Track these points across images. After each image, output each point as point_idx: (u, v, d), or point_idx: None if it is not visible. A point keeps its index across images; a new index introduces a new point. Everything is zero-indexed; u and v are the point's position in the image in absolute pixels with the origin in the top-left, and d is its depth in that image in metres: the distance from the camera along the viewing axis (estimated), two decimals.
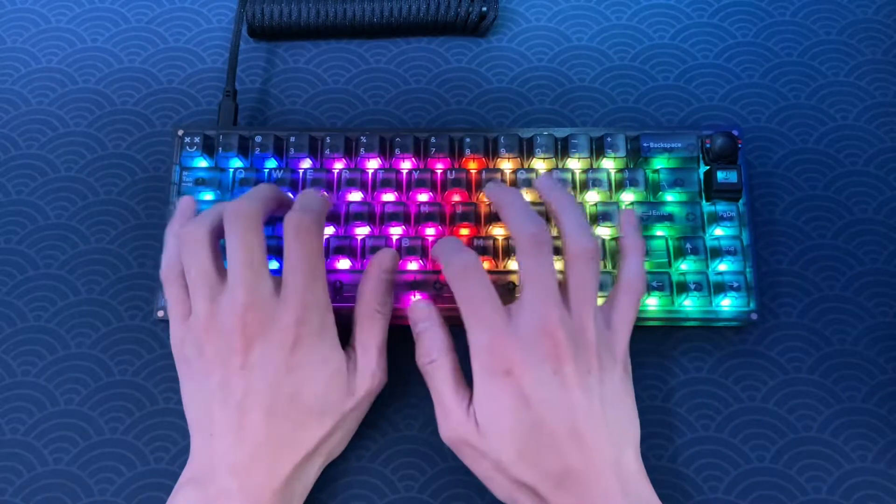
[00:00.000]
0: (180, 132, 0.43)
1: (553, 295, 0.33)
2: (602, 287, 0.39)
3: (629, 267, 0.37)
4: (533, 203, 0.41)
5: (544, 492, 0.33)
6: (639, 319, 0.40)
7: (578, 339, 0.33)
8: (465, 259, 0.34)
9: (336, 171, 0.42)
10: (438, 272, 0.40)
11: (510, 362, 0.33)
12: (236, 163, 0.43)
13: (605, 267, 0.40)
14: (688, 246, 0.40)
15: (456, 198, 0.42)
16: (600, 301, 0.38)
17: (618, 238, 0.38)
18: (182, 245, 0.35)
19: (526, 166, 0.43)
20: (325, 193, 0.40)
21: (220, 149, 0.42)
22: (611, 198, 0.42)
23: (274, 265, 0.40)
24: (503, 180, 0.42)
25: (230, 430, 0.34)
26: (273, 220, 0.40)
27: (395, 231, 0.41)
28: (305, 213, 0.35)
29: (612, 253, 0.40)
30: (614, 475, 0.33)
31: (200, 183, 0.42)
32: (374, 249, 0.40)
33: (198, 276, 0.35)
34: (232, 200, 0.35)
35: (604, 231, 0.41)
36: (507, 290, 0.40)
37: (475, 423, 0.34)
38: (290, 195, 0.40)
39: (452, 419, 0.34)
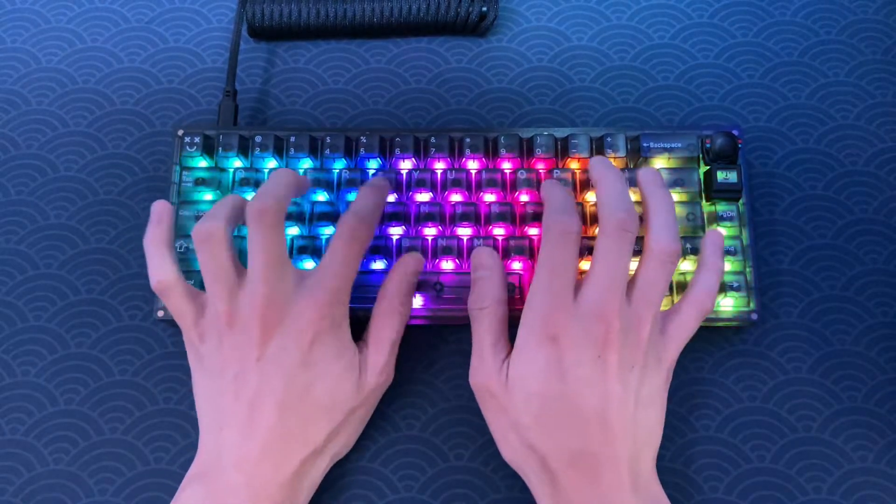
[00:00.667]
0: (180, 132, 0.43)
1: (621, 283, 0.34)
2: None
3: (702, 283, 0.37)
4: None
5: (555, 465, 0.33)
6: None
7: (631, 334, 0.34)
8: (570, 223, 0.34)
9: (336, 172, 0.42)
10: (439, 273, 0.41)
11: (559, 331, 0.33)
12: (236, 163, 0.43)
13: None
14: (688, 246, 0.40)
15: (456, 198, 0.42)
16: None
17: (699, 255, 0.38)
18: (200, 243, 0.34)
19: (526, 166, 0.43)
20: (385, 189, 0.40)
21: (220, 149, 0.42)
22: None
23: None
24: (503, 181, 0.42)
25: (241, 422, 0.34)
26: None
27: (396, 231, 0.41)
28: (362, 221, 0.36)
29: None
30: (629, 470, 0.33)
31: (200, 183, 0.42)
32: (375, 249, 0.40)
33: (218, 276, 0.34)
34: (256, 196, 0.35)
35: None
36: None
37: (505, 377, 0.34)
38: (306, 177, 0.40)
39: (486, 367, 0.35)
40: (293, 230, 0.41)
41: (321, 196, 0.42)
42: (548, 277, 0.34)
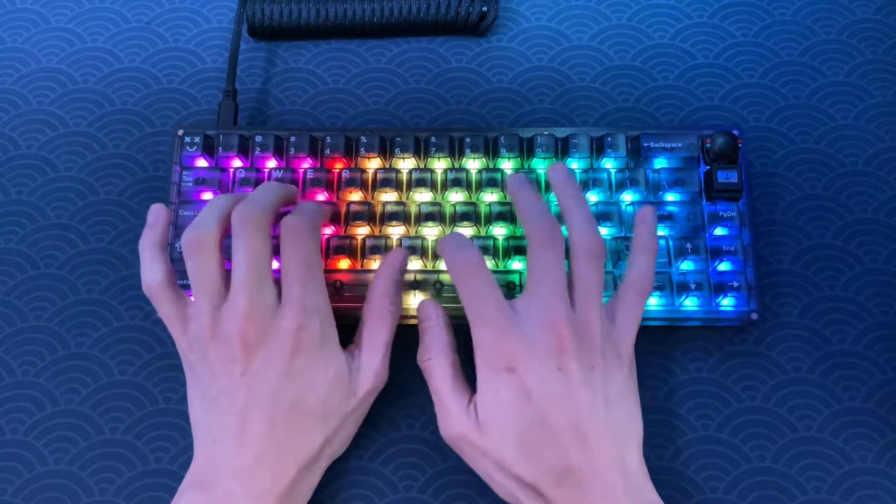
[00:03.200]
0: (180, 132, 0.43)
1: (560, 291, 0.34)
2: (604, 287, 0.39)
3: (637, 265, 0.37)
4: None
5: (545, 489, 0.32)
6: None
7: (583, 336, 0.33)
8: (468, 256, 0.35)
9: (336, 171, 0.42)
10: (439, 272, 0.40)
11: (513, 358, 0.33)
12: (236, 163, 0.43)
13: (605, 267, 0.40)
14: (688, 246, 0.40)
15: (456, 197, 0.42)
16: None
17: (633, 234, 0.38)
18: (189, 251, 0.34)
19: (527, 166, 0.43)
20: (323, 202, 0.40)
21: (220, 149, 0.42)
22: (611, 198, 0.42)
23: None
24: (503, 181, 0.42)
25: (232, 436, 0.34)
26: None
27: (395, 231, 0.41)
28: (301, 217, 0.35)
29: (612, 253, 0.40)
30: (617, 473, 0.33)
31: (200, 183, 0.42)
32: (374, 249, 0.40)
33: (204, 286, 0.34)
34: (242, 203, 0.35)
35: (602, 231, 0.41)
36: (507, 290, 0.40)
37: (476, 420, 0.34)
38: (294, 187, 0.40)
39: (452, 417, 0.35)
40: None
41: (321, 196, 0.42)
42: (478, 309, 0.34)
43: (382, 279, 0.37)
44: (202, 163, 0.43)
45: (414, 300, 0.40)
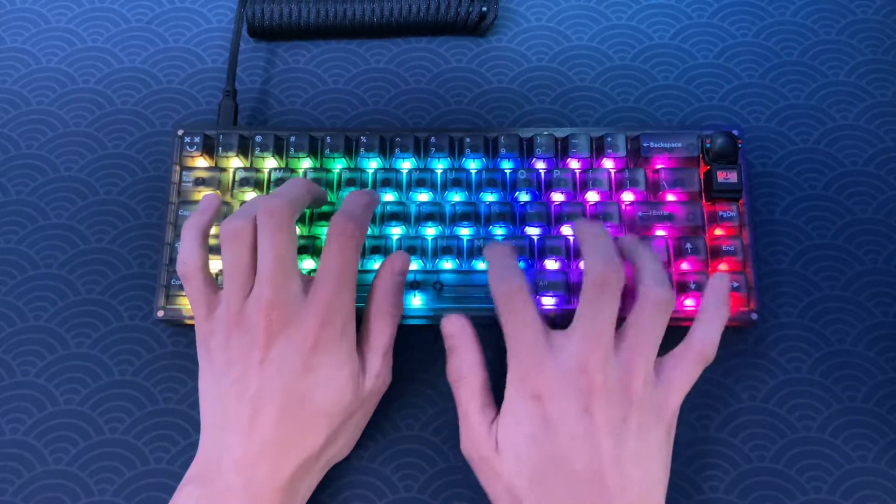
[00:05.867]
0: (180, 132, 0.43)
1: (603, 336, 0.33)
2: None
3: (704, 332, 0.35)
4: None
5: None
6: None
7: (620, 385, 0.33)
8: (514, 284, 0.34)
9: (336, 171, 0.42)
10: (439, 272, 0.41)
11: (541, 388, 0.33)
12: (236, 163, 0.43)
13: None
14: (688, 246, 0.40)
15: (456, 198, 0.42)
16: None
17: (702, 300, 0.37)
18: (225, 240, 0.35)
19: (526, 166, 0.43)
20: (375, 194, 0.39)
21: (220, 149, 0.42)
22: (611, 198, 0.42)
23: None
24: (503, 181, 0.42)
25: (242, 423, 0.34)
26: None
27: (396, 231, 0.41)
28: (351, 220, 0.35)
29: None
30: None
31: (200, 183, 0.42)
32: (374, 249, 0.40)
33: (235, 272, 0.35)
34: (266, 196, 0.36)
35: None
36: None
37: (495, 443, 0.34)
38: (323, 189, 0.40)
39: (474, 434, 0.35)
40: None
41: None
42: (517, 335, 0.34)
43: (382, 282, 0.37)
44: (202, 163, 0.43)
45: (414, 301, 0.40)
